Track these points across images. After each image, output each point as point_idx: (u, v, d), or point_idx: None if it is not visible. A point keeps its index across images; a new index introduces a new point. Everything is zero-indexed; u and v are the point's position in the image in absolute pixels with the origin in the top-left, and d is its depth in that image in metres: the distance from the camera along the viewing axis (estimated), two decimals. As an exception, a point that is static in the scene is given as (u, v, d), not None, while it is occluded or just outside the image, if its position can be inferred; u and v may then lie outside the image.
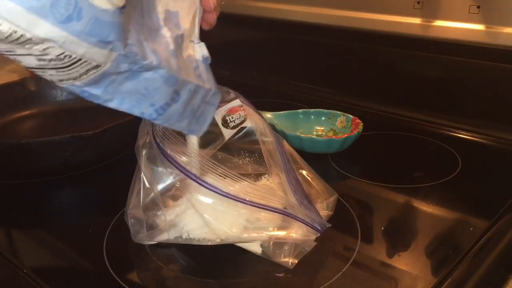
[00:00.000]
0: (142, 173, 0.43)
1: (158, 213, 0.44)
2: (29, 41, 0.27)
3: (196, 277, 0.42)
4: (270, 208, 0.41)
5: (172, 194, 0.43)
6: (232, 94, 0.46)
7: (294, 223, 0.42)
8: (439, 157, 0.65)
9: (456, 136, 0.71)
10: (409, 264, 0.43)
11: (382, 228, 0.49)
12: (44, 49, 0.28)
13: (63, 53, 0.29)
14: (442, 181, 0.57)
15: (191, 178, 0.40)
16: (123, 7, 0.30)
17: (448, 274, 0.41)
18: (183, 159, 0.40)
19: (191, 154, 0.41)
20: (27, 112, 0.75)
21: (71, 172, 0.60)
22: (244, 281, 0.42)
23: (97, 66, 0.31)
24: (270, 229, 0.42)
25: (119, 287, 0.40)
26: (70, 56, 0.29)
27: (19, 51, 0.28)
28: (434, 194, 0.55)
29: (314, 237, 0.42)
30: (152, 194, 0.43)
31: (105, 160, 0.62)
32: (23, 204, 0.55)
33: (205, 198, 0.41)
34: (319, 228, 0.42)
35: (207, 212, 0.41)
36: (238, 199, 0.40)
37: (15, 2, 0.25)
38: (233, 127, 0.45)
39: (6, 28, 0.26)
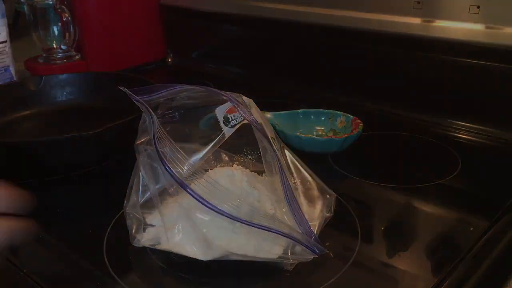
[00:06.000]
0: (141, 171, 0.43)
1: (155, 213, 0.44)
2: None
3: (196, 277, 0.42)
4: (273, 230, 0.40)
5: (171, 192, 0.43)
6: (244, 98, 0.45)
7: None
8: (439, 157, 0.65)
9: (456, 136, 0.71)
10: (409, 264, 0.43)
11: (382, 228, 0.49)
12: None
13: None
14: (442, 181, 0.57)
15: (189, 193, 0.39)
16: None
17: (448, 274, 0.41)
18: (180, 171, 0.40)
19: (193, 168, 0.40)
20: (27, 112, 0.74)
21: (71, 172, 0.60)
22: (244, 281, 0.42)
23: None
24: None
25: (119, 287, 0.40)
26: None
27: None
28: (434, 194, 0.55)
29: (311, 257, 0.41)
30: (150, 193, 0.43)
31: (105, 160, 0.62)
32: (23, 204, 0.55)
33: (202, 215, 0.41)
34: (317, 251, 0.41)
35: (204, 226, 0.41)
36: (242, 221, 0.39)
37: None
38: (234, 126, 0.44)
39: None
